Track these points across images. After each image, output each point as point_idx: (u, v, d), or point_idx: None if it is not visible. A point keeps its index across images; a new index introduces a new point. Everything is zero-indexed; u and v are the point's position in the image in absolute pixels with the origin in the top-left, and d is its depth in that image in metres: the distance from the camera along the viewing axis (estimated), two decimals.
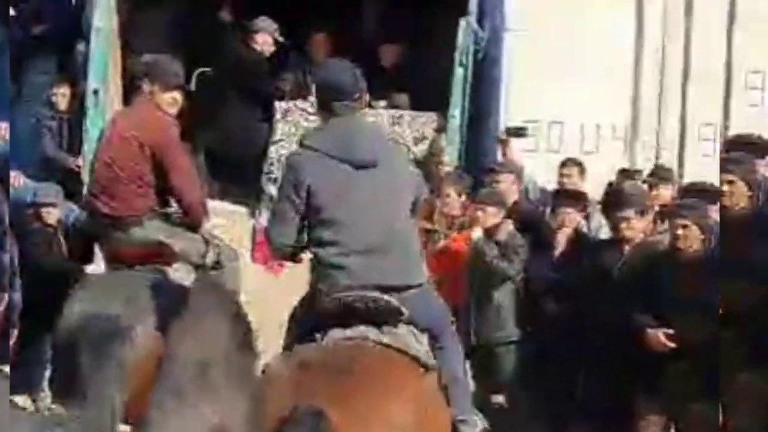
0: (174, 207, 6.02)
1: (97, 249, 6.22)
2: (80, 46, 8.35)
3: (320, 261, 4.48)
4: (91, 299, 5.39)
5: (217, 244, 6.03)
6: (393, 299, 4.45)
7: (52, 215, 7.74)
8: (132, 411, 5.12)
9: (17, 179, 8.03)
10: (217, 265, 5.95)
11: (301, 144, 4.63)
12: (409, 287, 4.52)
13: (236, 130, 7.86)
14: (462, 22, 7.81)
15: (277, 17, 8.15)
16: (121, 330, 5.15)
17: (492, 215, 6.90)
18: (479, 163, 7.88)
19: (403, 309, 4.47)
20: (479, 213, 6.93)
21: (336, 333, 4.46)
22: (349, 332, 4.45)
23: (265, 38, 7.99)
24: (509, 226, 6.91)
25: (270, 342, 5.00)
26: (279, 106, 7.96)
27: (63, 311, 5.39)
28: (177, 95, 5.99)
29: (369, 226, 4.45)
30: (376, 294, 4.43)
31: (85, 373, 5.02)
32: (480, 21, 7.92)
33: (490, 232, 6.91)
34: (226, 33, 8.32)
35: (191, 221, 6.01)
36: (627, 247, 6.45)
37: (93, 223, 5.99)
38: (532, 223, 7.01)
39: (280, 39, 8.03)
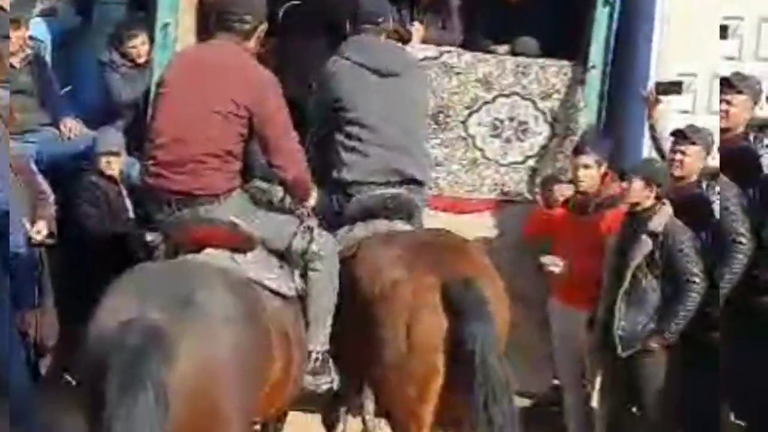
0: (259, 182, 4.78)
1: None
2: None
3: (346, 149, 5.13)
4: (129, 297, 3.95)
5: (311, 227, 4.77)
6: (411, 195, 5.18)
7: (113, 165, 6.52)
8: None
9: (74, 127, 6.85)
10: (306, 256, 4.73)
11: (336, 55, 5.28)
12: (423, 184, 5.29)
13: None
14: None
15: None
16: (160, 344, 3.75)
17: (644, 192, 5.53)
18: (622, 127, 6.45)
19: (419, 203, 5.25)
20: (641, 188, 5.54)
21: (360, 229, 5.09)
22: (384, 225, 5.10)
23: None
24: (668, 211, 5.49)
25: None
26: None
27: (96, 312, 3.98)
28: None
29: (393, 127, 5.15)
30: (395, 191, 5.14)
31: (111, 407, 3.62)
32: None
33: (641, 216, 5.53)
34: None
35: (294, 198, 4.77)
36: None
37: (153, 198, 4.68)
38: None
39: None
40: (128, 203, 6.50)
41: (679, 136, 5.82)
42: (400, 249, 4.79)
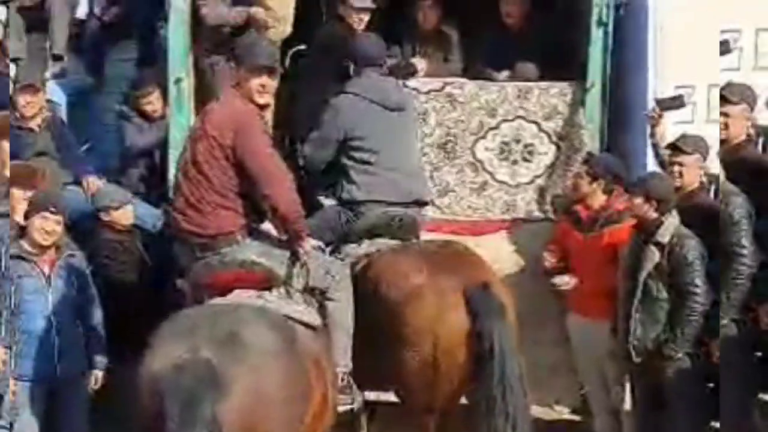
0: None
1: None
2: (163, 31, 7.25)
3: (357, 172, 5.60)
4: (178, 340, 4.23)
5: (306, 263, 4.99)
6: (415, 215, 5.73)
7: (116, 217, 6.56)
8: None
9: (95, 185, 7.03)
10: (308, 290, 4.95)
11: (344, 91, 5.79)
12: (426, 204, 5.90)
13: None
14: None
15: None
16: (214, 383, 4.02)
17: (644, 207, 5.69)
18: (625, 142, 6.62)
19: (420, 222, 5.80)
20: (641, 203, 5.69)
21: (366, 245, 5.54)
22: (389, 243, 5.55)
23: (360, 15, 6.45)
24: (674, 221, 5.65)
25: None
26: None
27: (147, 356, 4.26)
28: (267, 80, 4.98)
29: (399, 153, 5.69)
30: (401, 211, 5.64)
31: None
32: None
33: (648, 228, 5.70)
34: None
35: (289, 233, 4.98)
36: None
37: (178, 244, 5.02)
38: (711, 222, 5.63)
39: (373, 6, 6.54)
40: (142, 250, 6.63)
41: (673, 148, 5.95)
42: (419, 257, 5.31)
